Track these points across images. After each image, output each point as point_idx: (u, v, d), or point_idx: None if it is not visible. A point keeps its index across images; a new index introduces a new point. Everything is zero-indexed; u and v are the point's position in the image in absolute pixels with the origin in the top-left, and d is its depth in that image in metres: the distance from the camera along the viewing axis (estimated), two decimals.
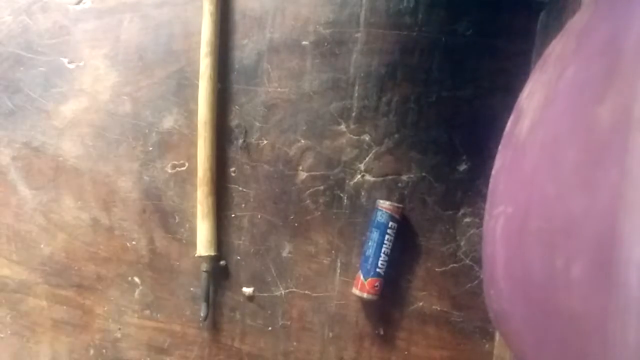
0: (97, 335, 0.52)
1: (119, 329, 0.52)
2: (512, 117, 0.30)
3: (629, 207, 0.17)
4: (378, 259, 0.47)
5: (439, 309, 0.49)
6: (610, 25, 0.20)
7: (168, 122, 0.52)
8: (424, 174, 0.49)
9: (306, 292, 0.50)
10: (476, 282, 0.48)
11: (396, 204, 0.47)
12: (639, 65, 0.18)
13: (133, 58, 0.52)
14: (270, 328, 0.51)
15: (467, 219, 0.48)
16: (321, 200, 0.50)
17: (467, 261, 0.48)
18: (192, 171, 0.51)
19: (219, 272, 0.51)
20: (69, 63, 0.53)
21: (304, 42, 0.50)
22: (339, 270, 0.50)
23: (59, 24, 0.53)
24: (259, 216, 0.51)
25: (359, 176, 0.50)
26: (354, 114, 0.50)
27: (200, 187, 0.49)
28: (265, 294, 0.51)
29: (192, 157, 0.51)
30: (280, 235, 0.51)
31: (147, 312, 0.52)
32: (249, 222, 0.51)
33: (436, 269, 0.49)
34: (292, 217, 0.50)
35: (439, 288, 0.49)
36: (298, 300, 0.50)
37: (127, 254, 0.52)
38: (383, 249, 0.47)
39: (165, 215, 0.52)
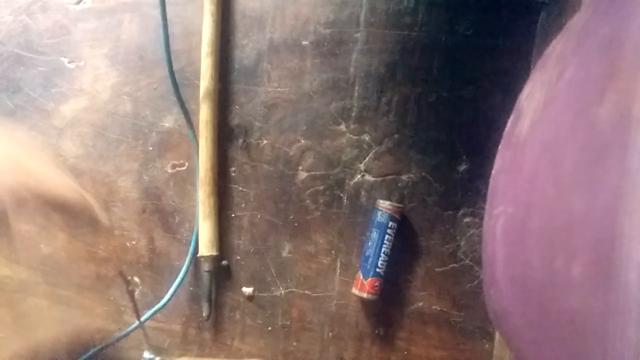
0: (97, 335, 0.52)
1: (119, 329, 0.52)
2: (512, 117, 0.30)
3: (629, 207, 0.17)
4: (378, 259, 0.47)
5: (439, 309, 0.49)
6: (610, 25, 0.20)
7: (168, 122, 0.52)
8: (424, 174, 0.49)
9: (306, 292, 0.50)
10: (476, 282, 0.48)
11: (396, 204, 0.47)
12: (639, 65, 0.18)
13: (133, 58, 0.52)
14: (270, 328, 0.51)
15: (467, 219, 0.49)
16: (321, 200, 0.50)
17: (467, 261, 0.48)
18: (192, 171, 0.51)
19: (220, 272, 0.51)
20: (69, 63, 0.53)
21: (304, 42, 0.50)
22: (339, 270, 0.50)
23: (59, 24, 0.53)
24: (259, 216, 0.51)
25: (359, 176, 0.50)
26: (354, 114, 0.50)
27: (201, 187, 0.49)
28: (265, 294, 0.51)
29: (192, 157, 0.51)
30: (280, 235, 0.51)
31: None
32: (249, 222, 0.51)
33: (436, 269, 0.49)
34: (292, 217, 0.50)
35: (439, 288, 0.49)
36: (298, 300, 0.50)
37: (127, 254, 0.52)
38: (383, 249, 0.47)
39: (165, 215, 0.52)
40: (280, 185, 0.51)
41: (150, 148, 0.52)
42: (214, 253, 0.49)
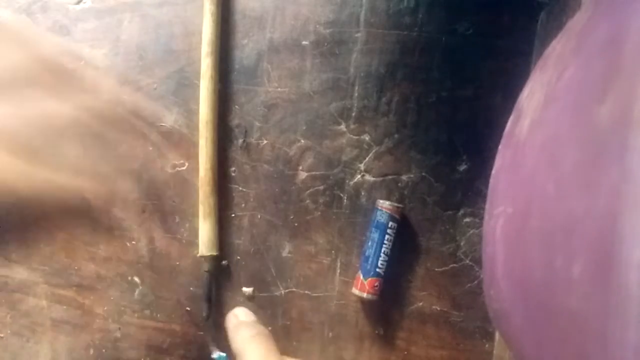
0: (97, 335, 0.52)
1: (119, 328, 0.52)
2: (512, 117, 0.30)
3: (629, 207, 0.17)
4: (378, 259, 0.47)
5: (439, 309, 0.49)
6: (610, 25, 0.20)
7: (168, 122, 0.52)
8: (424, 174, 0.49)
9: (306, 292, 0.50)
10: (476, 282, 0.48)
11: (396, 204, 0.47)
12: (639, 65, 0.18)
13: (133, 58, 0.52)
14: (270, 328, 0.51)
15: (467, 219, 0.49)
16: (321, 200, 0.50)
17: (467, 261, 0.48)
18: (192, 171, 0.51)
19: (219, 272, 0.51)
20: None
21: (304, 42, 0.50)
22: (339, 270, 0.50)
23: (59, 24, 0.53)
24: (259, 216, 0.51)
25: (359, 176, 0.50)
26: (354, 114, 0.50)
27: (201, 187, 0.49)
28: (265, 294, 0.51)
29: (192, 157, 0.51)
30: (280, 235, 0.51)
31: (147, 312, 0.52)
32: (249, 222, 0.51)
33: (436, 269, 0.49)
34: (292, 217, 0.50)
35: (439, 288, 0.49)
36: (298, 300, 0.50)
37: (127, 254, 0.52)
38: (383, 249, 0.47)
39: (165, 215, 0.52)
40: (280, 185, 0.51)
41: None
42: (214, 253, 0.49)
